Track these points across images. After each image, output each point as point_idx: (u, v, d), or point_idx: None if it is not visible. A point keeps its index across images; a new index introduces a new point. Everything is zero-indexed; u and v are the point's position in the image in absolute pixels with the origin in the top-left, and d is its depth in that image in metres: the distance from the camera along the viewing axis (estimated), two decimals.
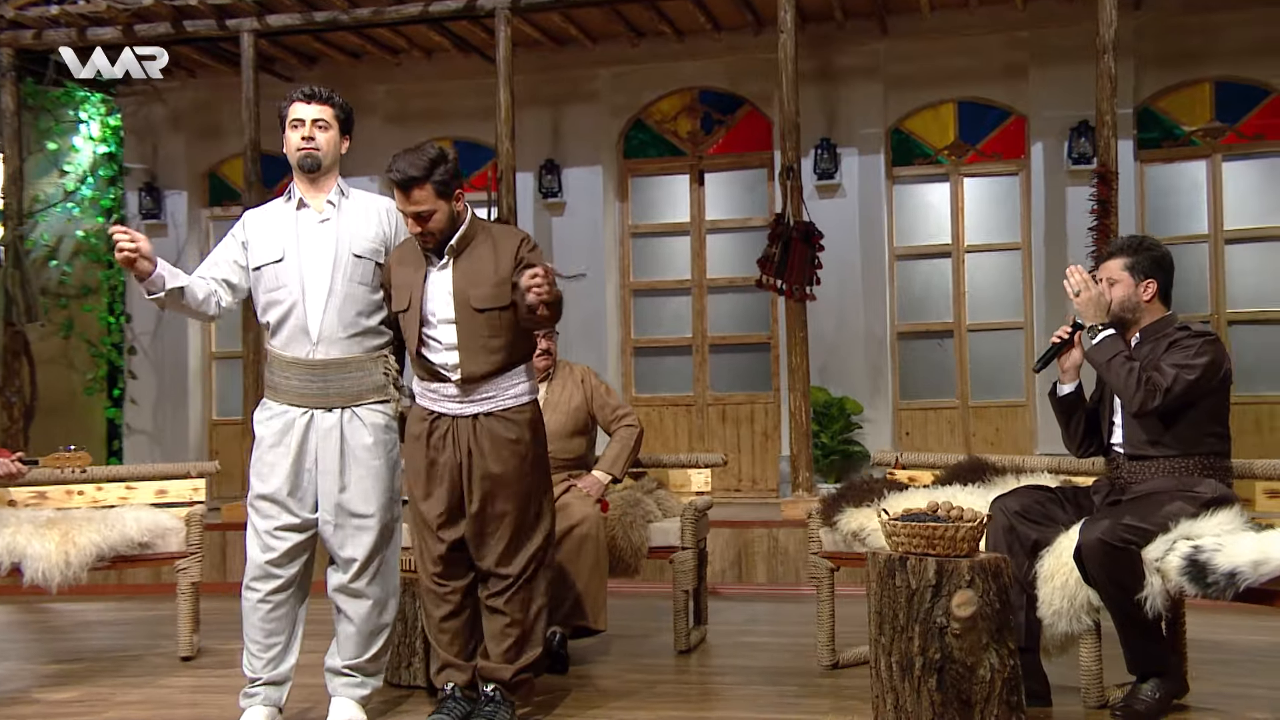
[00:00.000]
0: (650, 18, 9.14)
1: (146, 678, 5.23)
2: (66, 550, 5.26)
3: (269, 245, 4.16)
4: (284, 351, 4.13)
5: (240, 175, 10.63)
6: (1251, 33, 8.84)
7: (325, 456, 4.09)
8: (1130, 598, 3.97)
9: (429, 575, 4.12)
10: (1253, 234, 8.95)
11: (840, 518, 5.02)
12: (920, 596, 3.80)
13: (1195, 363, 4.16)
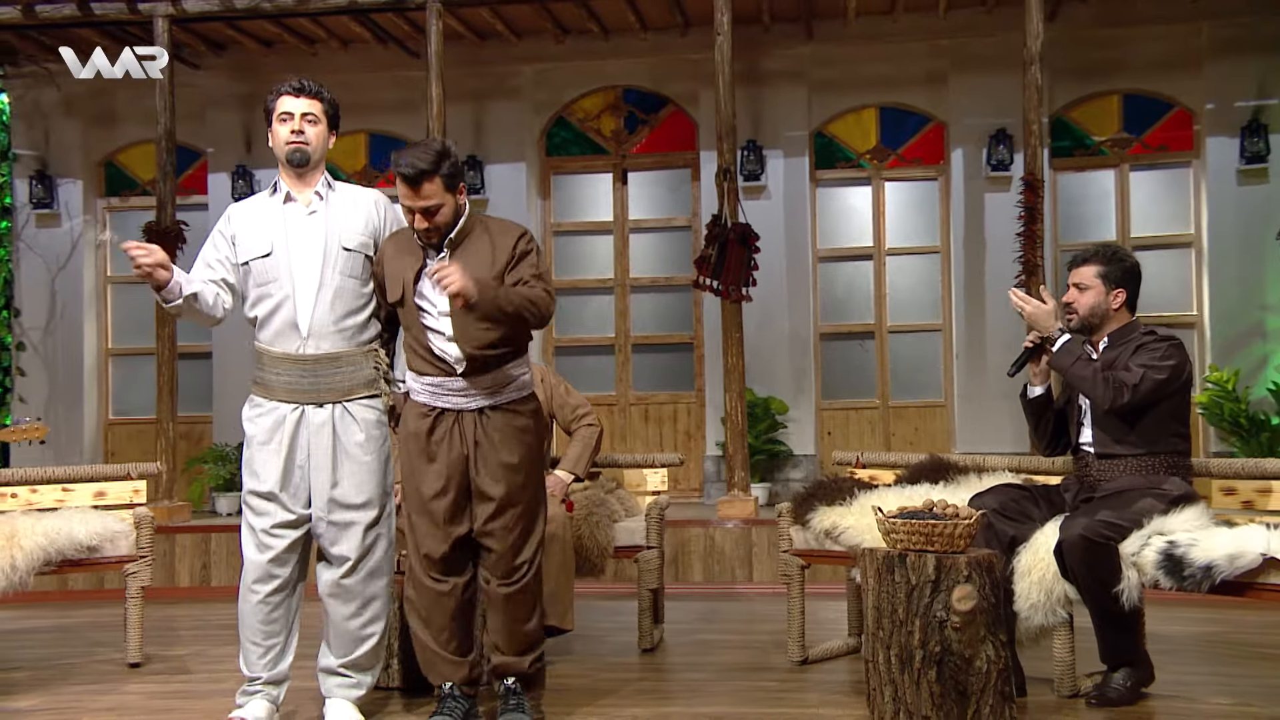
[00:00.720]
0: (579, 15, 9.24)
1: (106, 684, 5.14)
2: (13, 554, 5.17)
3: (256, 239, 4.15)
4: (273, 347, 4.13)
5: (140, 164, 10.48)
6: (1157, 48, 9.35)
7: (317, 452, 4.09)
8: (1108, 591, 4.20)
9: (427, 574, 4.12)
10: (1156, 241, 9.44)
11: (813, 516, 5.14)
12: (920, 591, 3.96)
13: (1163, 364, 4.41)
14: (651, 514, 5.66)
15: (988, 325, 9.35)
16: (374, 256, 4.20)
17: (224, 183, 10.01)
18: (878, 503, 4.94)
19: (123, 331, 10.58)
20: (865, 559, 4.17)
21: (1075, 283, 4.68)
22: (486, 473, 4.06)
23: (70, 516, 5.47)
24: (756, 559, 7.88)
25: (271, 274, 4.10)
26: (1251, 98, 9.18)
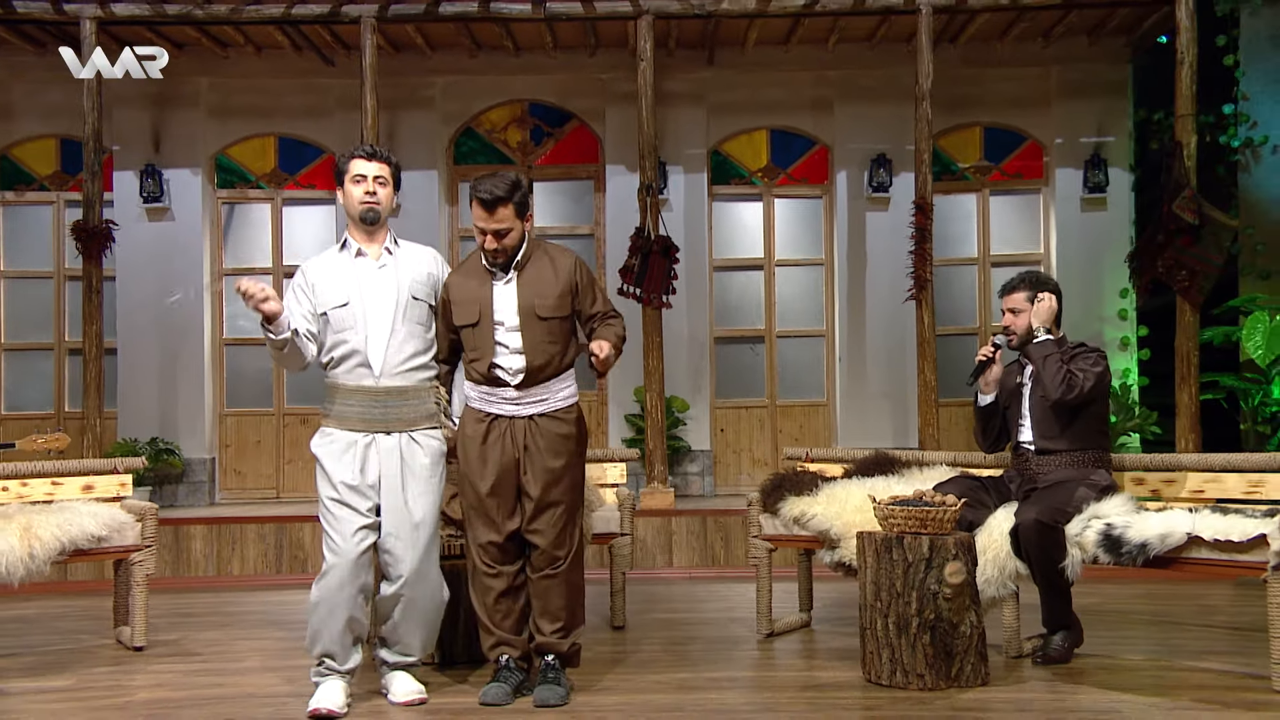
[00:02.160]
0: (496, 33, 9.59)
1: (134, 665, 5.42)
2: (31, 544, 5.40)
3: (333, 291, 4.58)
4: (349, 383, 4.53)
5: (36, 159, 10.36)
6: (1013, 88, 10.31)
7: (388, 474, 4.52)
8: (1055, 566, 4.98)
9: (484, 562, 4.58)
10: (1011, 259, 10.36)
11: (783, 505, 5.78)
12: (915, 568, 4.66)
13: (1097, 370, 5.21)
14: (625, 505, 6.20)
15: (867, 332, 10.14)
16: (434, 306, 4.65)
17: (130, 180, 9.99)
18: (841, 493, 5.66)
19: (17, 325, 10.42)
20: (864, 541, 4.83)
21: (1009, 308, 5.46)
22: (533, 475, 4.55)
23: (80, 509, 5.73)
24: (676, 546, 8.47)
25: (348, 321, 4.53)
26: (1093, 135, 10.22)
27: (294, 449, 10.27)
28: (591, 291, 4.66)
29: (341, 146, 10.08)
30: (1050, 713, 4.34)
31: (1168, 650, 5.49)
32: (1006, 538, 5.03)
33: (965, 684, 4.64)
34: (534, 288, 4.55)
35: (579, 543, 4.67)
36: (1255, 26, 10.31)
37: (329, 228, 10.33)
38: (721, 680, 4.94)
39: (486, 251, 4.53)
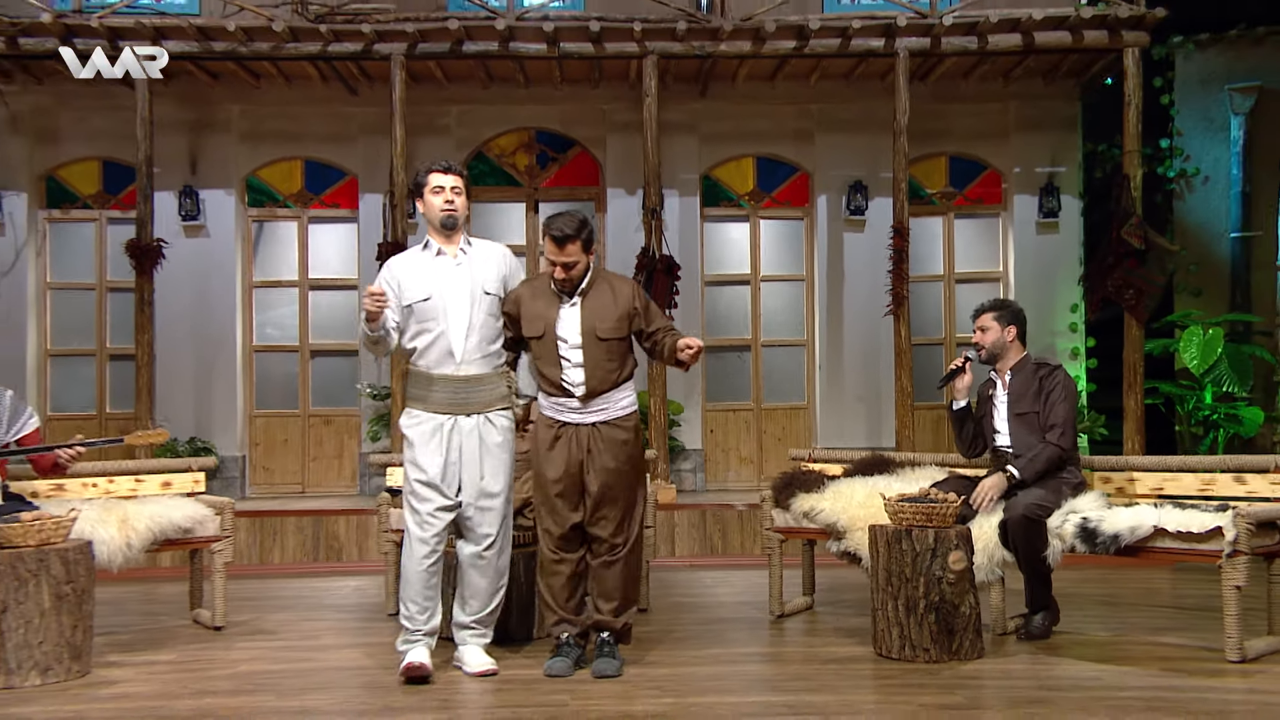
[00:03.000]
0: (509, 68, 9.93)
1: (222, 642, 5.74)
2: (128, 535, 5.72)
3: (417, 287, 4.93)
4: (433, 370, 4.89)
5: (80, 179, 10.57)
6: (976, 122, 10.73)
7: (468, 451, 4.91)
8: (1039, 555, 5.40)
9: (551, 549, 4.97)
10: (973, 276, 10.87)
11: (793, 501, 6.15)
12: (922, 557, 5.07)
13: (1069, 396, 5.62)
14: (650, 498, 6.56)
15: (844, 341, 10.56)
16: (504, 297, 4.97)
17: (170, 200, 10.18)
18: (845, 490, 6.05)
19: (62, 333, 10.62)
20: (876, 533, 5.24)
21: (980, 326, 5.89)
22: (594, 474, 4.93)
23: (167, 503, 6.04)
24: (678, 537, 8.84)
25: (431, 314, 4.89)
26: (1047, 165, 10.67)
27: (318, 447, 10.56)
28: (649, 312, 5.03)
29: (364, 169, 10.47)
30: (1042, 680, 4.74)
31: (1128, 627, 5.92)
32: (995, 530, 5.45)
33: (965, 657, 5.04)
34: (595, 312, 4.92)
35: (637, 534, 5.04)
36: (1188, 70, 10.90)
37: (350, 243, 10.63)
38: (751, 655, 5.34)
39: (557, 280, 4.90)
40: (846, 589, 6.89)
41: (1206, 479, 5.61)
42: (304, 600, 7.10)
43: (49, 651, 4.82)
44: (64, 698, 4.61)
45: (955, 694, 4.48)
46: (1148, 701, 4.38)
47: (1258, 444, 10.12)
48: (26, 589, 4.79)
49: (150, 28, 8.94)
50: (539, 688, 4.65)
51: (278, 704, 4.45)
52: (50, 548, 4.89)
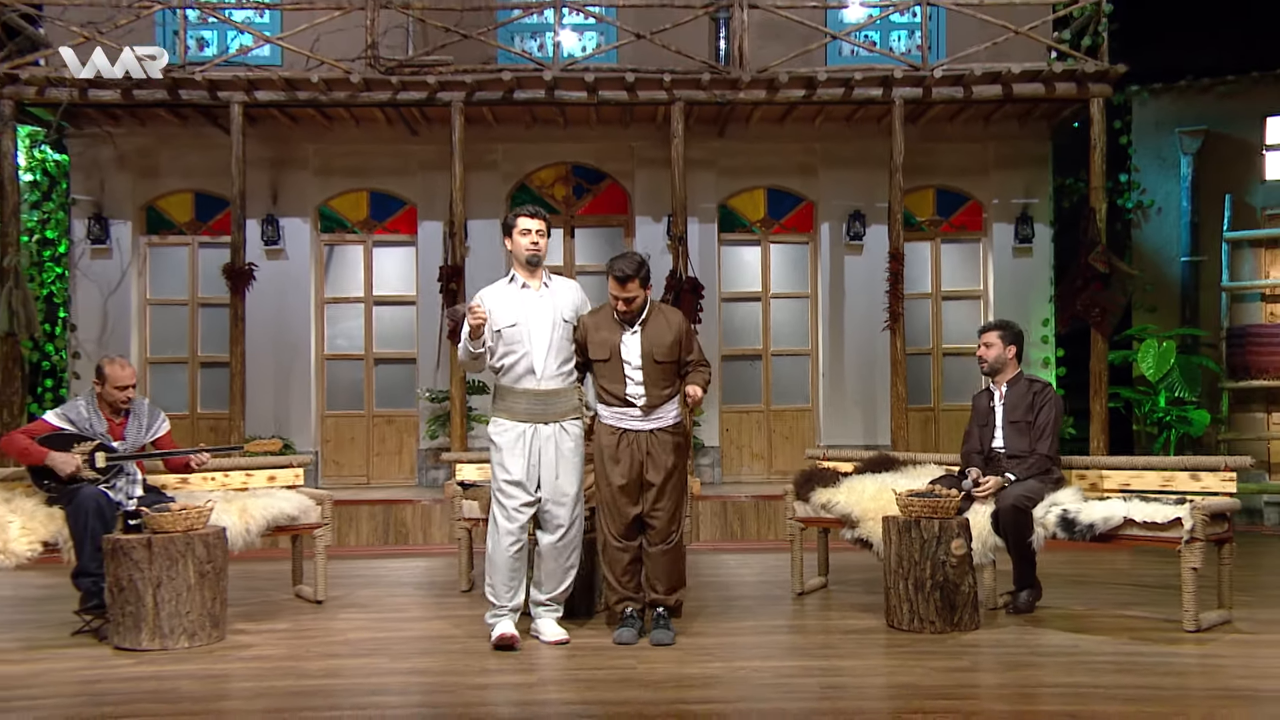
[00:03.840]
0: (551, 111, 10.24)
1: (326, 614, 6.05)
2: (247, 523, 6.03)
3: (506, 314, 5.27)
4: (517, 385, 5.23)
5: (176, 209, 10.92)
6: (959, 158, 11.01)
7: (546, 455, 5.23)
8: (1025, 541, 5.68)
9: (615, 537, 5.30)
10: (958, 294, 11.19)
11: (812, 494, 6.46)
12: (929, 544, 5.39)
13: (1059, 406, 5.92)
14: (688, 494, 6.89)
15: (844, 351, 10.88)
16: (577, 325, 5.33)
17: (254, 227, 10.51)
18: (858, 486, 6.33)
19: (159, 343, 10.97)
20: (889, 523, 5.55)
21: (985, 342, 6.13)
22: (653, 472, 5.26)
23: (279, 495, 6.36)
24: (701, 524, 9.17)
25: (517, 337, 5.23)
26: (1022, 196, 11.00)
27: (380, 444, 10.90)
28: (690, 343, 5.36)
29: (422, 199, 10.79)
30: (1030, 647, 5.09)
31: (1099, 602, 6.25)
32: (989, 520, 5.74)
33: (964, 628, 5.37)
34: (653, 339, 5.26)
35: (682, 525, 5.39)
36: (1144, 114, 11.23)
37: (409, 265, 10.96)
38: (780, 626, 5.66)
39: (619, 313, 5.26)
40: (854, 570, 7.19)
41: (1167, 476, 5.89)
42: (383, 578, 7.40)
43: (195, 619, 5.19)
44: (211, 658, 4.97)
45: (959, 659, 4.83)
46: (1119, 665, 4.73)
47: (1204, 442, 10.43)
48: (176, 567, 5.16)
49: (244, 80, 9.27)
50: (608, 653, 4.97)
51: (392, 665, 4.81)
52: (194, 533, 5.25)
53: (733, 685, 4.40)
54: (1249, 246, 10.69)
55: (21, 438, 5.66)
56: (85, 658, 5.06)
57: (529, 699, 4.30)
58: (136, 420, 5.90)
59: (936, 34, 10.77)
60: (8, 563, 5.41)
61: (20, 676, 4.76)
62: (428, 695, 4.32)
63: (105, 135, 10.39)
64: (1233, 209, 10.60)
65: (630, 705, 4.10)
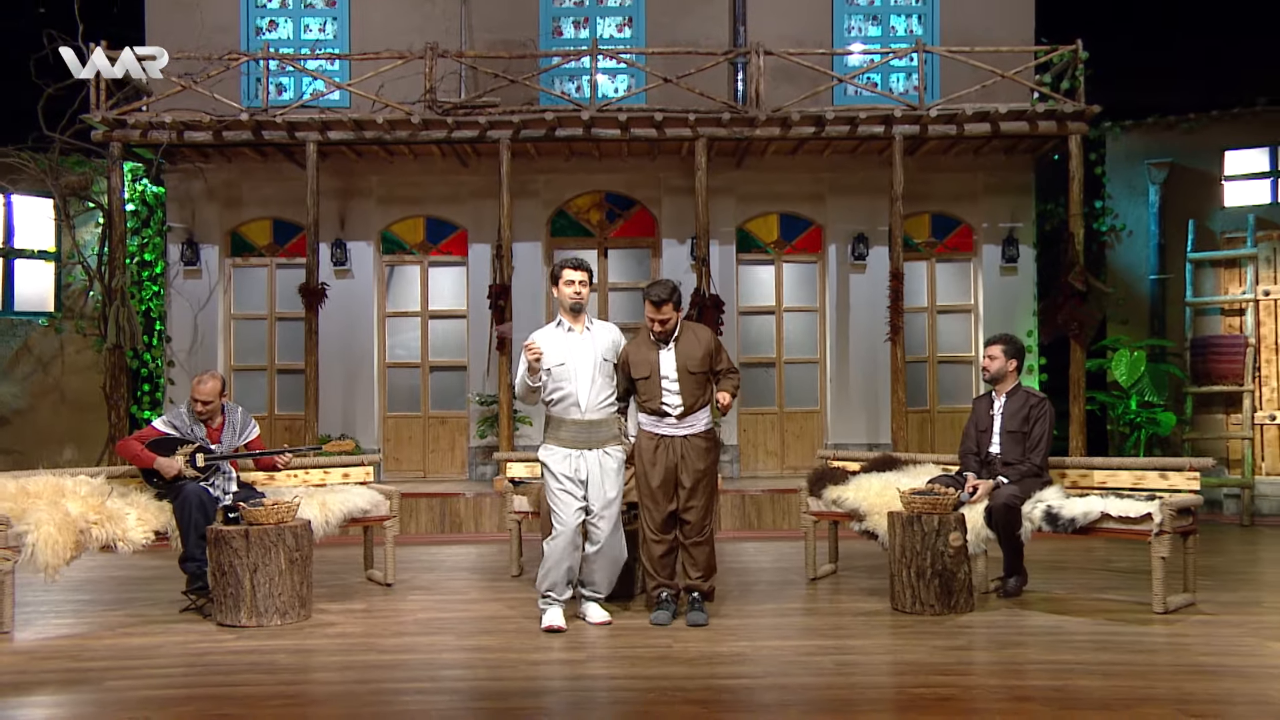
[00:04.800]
0: (588, 145, 10.37)
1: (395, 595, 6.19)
2: (326, 516, 6.18)
3: (554, 354, 5.37)
4: (566, 416, 5.34)
5: (257, 234, 11.13)
6: (953, 186, 11.09)
7: (592, 474, 5.32)
8: (1014, 532, 5.77)
9: (653, 531, 5.41)
10: (951, 308, 11.24)
11: (824, 491, 6.57)
12: (929, 536, 5.48)
13: (1051, 420, 5.95)
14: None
15: (849, 360, 10.96)
16: (617, 365, 5.42)
17: (325, 250, 10.67)
18: (865, 483, 6.41)
19: (242, 353, 11.18)
20: (894, 518, 5.63)
21: (989, 354, 6.13)
22: (686, 473, 5.36)
23: (354, 491, 6.53)
24: (723, 515, 9.22)
25: (565, 375, 5.34)
26: (1008, 221, 11.05)
27: (435, 442, 11.07)
28: (720, 354, 5.47)
29: (471, 224, 10.93)
30: (1019, 628, 5.19)
31: (1079, 587, 6.32)
32: (982, 515, 5.81)
33: (960, 611, 5.46)
34: (686, 354, 5.38)
35: (713, 519, 5.49)
36: (1116, 148, 11.28)
37: (461, 283, 11.12)
38: (797, 609, 5.75)
39: (655, 332, 5.39)
40: (860, 557, 7.27)
41: (1139, 475, 5.99)
42: (442, 564, 7.53)
43: (286, 600, 5.37)
44: (300, 635, 5.15)
45: (957, 639, 4.94)
46: (1096, 643, 4.83)
47: (1170, 441, 10.48)
48: (269, 555, 5.34)
49: (318, 122, 9.46)
50: (648, 634, 5.08)
51: (458, 643, 4.96)
52: (284, 525, 5.43)
53: (759, 663, 4.52)
54: (1210, 266, 10.71)
55: (134, 444, 5.86)
56: (194, 633, 5.26)
57: (579, 674, 4.44)
58: (231, 425, 6.09)
59: (932, 77, 10.84)
60: (126, 548, 5.60)
61: (140, 648, 4.96)
62: (491, 670, 4.46)
63: (197, 170, 10.62)
64: (1195, 232, 10.64)
65: (670, 680, 4.23)
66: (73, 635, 5.30)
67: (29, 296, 11.05)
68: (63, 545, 5.43)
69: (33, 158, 10.11)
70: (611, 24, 11.15)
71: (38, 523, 5.40)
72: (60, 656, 4.85)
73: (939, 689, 4.09)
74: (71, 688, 4.32)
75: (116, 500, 5.76)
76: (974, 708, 3.86)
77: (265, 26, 11.09)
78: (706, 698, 3.96)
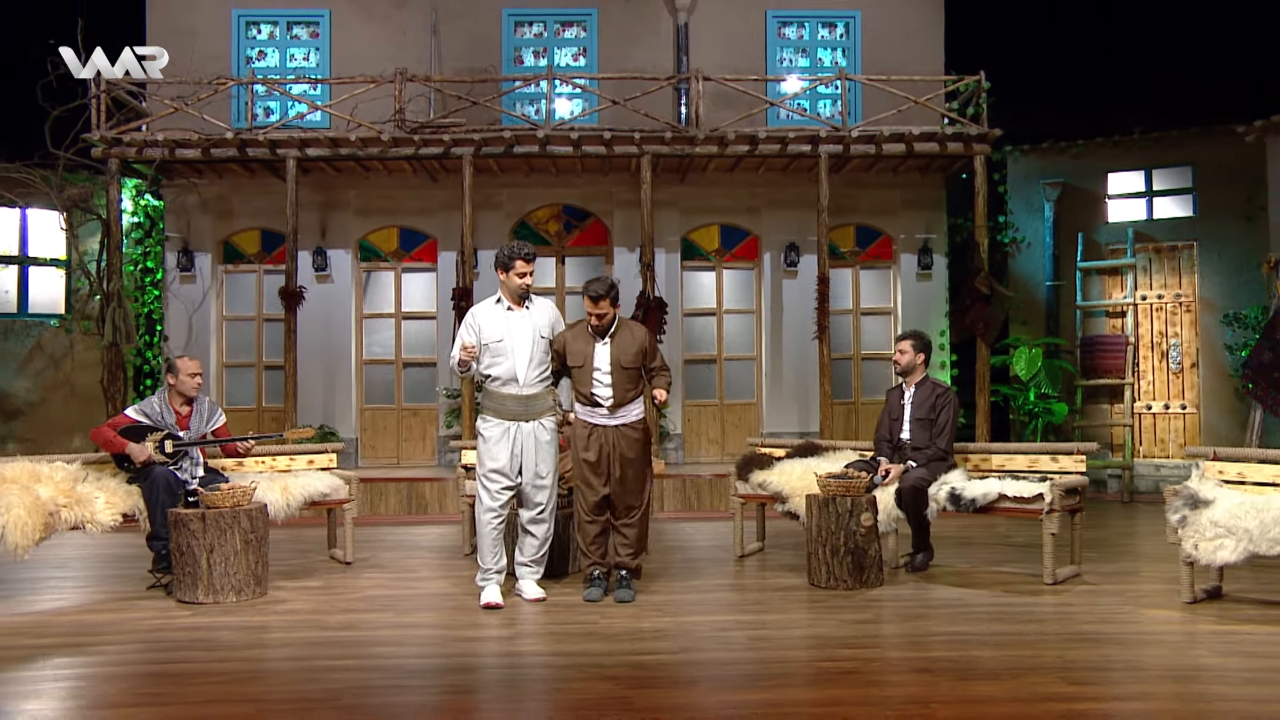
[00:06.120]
0: (545, 162, 10.03)
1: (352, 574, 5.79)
2: (287, 499, 5.81)
3: (493, 330, 5.03)
4: (503, 390, 5.00)
5: (246, 243, 10.69)
6: (874, 201, 10.83)
7: (526, 447, 4.99)
8: (922, 513, 5.53)
9: (587, 512, 5.09)
10: (873, 310, 10.98)
11: (750, 475, 6.29)
12: (843, 517, 5.21)
13: (953, 411, 5.72)
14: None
15: (783, 357, 10.69)
16: (552, 340, 5.10)
17: (307, 257, 10.30)
18: (787, 468, 6.13)
19: (232, 351, 10.72)
20: (811, 500, 5.34)
21: (900, 349, 5.89)
22: (618, 462, 5.03)
23: (314, 476, 6.13)
24: (666, 497, 8.98)
25: (502, 350, 5.00)
26: (923, 232, 10.83)
27: (407, 432, 10.67)
28: (654, 352, 5.14)
29: (441, 234, 10.55)
30: (923, 601, 4.93)
31: (979, 560, 6.09)
32: (893, 496, 5.56)
33: (871, 585, 5.19)
34: (620, 348, 5.03)
35: (647, 501, 5.13)
36: (1016, 169, 11.11)
37: (431, 287, 10.72)
38: (722, 585, 5.43)
39: (593, 326, 5.05)
40: (787, 536, 7.00)
41: (1032, 459, 5.81)
42: (404, 543, 7.17)
43: (241, 578, 4.99)
44: (252, 611, 4.77)
45: (864, 612, 4.66)
46: (992, 614, 4.59)
47: (1063, 428, 10.33)
48: (225, 536, 4.96)
49: (297, 139, 9.05)
50: (577, 610, 4.75)
51: (397, 620, 4.59)
52: (240, 508, 5.04)
53: (677, 638, 4.20)
54: (1096, 274, 10.65)
55: (107, 430, 5.46)
56: (154, 609, 4.86)
57: (504, 650, 4.09)
58: (199, 413, 5.69)
59: (854, 103, 10.60)
60: (94, 530, 5.21)
61: (99, 624, 4.58)
62: (422, 647, 4.10)
63: (192, 185, 10.19)
64: (1084, 244, 10.54)
65: (589, 657, 3.90)
66: (39, 612, 4.90)
67: (42, 300, 10.74)
68: (32, 527, 4.99)
69: (40, 174, 9.66)
70: (568, 54, 10.80)
71: (8, 506, 4.97)
72: (19, 633, 4.43)
73: (844, 662, 3.80)
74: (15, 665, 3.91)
75: (87, 485, 5.35)
76: (875, 680, 3.57)
77: (255, 56, 10.64)
78: (622, 674, 3.62)
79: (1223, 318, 10.11)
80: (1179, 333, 10.44)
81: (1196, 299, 10.35)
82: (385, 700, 3.34)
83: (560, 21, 10.78)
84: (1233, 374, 9.98)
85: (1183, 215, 10.52)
